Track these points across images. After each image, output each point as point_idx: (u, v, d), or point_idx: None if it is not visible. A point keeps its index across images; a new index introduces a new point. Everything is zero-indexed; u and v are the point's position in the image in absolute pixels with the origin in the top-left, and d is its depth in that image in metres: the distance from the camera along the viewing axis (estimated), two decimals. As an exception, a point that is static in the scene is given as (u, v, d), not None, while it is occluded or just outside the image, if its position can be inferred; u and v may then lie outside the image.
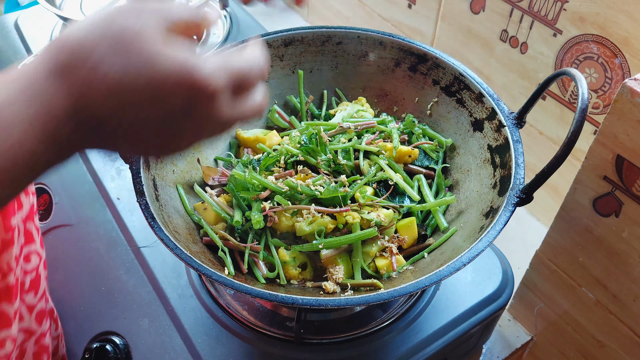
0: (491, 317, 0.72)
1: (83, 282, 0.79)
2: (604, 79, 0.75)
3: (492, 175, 0.64)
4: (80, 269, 0.80)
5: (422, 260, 0.63)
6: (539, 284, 0.77)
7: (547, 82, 0.59)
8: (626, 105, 0.53)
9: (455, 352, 0.73)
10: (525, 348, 0.85)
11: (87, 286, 0.78)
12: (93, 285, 0.78)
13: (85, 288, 0.78)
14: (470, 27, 0.92)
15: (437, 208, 0.68)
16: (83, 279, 0.79)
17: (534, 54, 0.83)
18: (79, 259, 0.81)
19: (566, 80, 0.80)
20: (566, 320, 0.76)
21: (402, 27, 1.08)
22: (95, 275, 0.78)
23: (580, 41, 0.75)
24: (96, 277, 0.78)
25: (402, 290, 0.52)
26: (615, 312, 0.67)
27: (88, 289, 0.78)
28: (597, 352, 0.74)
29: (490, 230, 0.55)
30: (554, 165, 0.52)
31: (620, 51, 0.71)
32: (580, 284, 0.70)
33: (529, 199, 0.56)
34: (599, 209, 0.63)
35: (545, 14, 0.78)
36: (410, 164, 0.73)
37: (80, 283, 0.79)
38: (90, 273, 0.79)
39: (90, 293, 0.77)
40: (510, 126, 0.64)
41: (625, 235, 0.61)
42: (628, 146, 0.56)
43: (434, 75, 0.75)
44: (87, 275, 0.79)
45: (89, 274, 0.79)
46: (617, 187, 0.59)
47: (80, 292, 0.78)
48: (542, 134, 0.88)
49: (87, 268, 0.80)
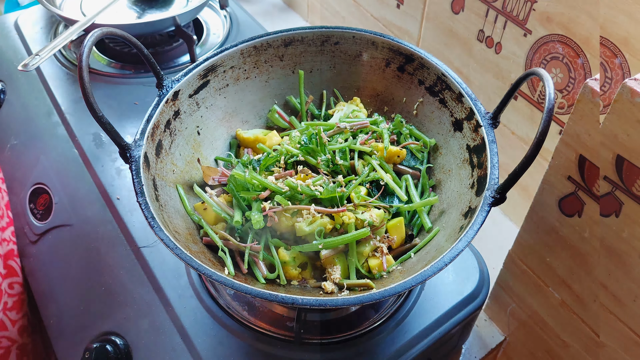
0: (470, 317, 0.73)
1: (83, 282, 0.79)
2: (569, 78, 0.75)
3: (471, 176, 0.65)
4: (81, 269, 0.80)
5: (409, 260, 0.64)
6: (512, 284, 0.77)
7: (518, 82, 0.59)
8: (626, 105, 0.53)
9: (438, 352, 0.74)
10: (500, 348, 0.85)
11: (87, 286, 0.78)
12: (93, 285, 0.78)
13: (85, 288, 0.78)
14: (451, 27, 0.92)
15: (422, 208, 0.68)
16: (83, 279, 0.79)
17: (507, 54, 0.83)
18: (79, 259, 0.81)
19: (535, 80, 0.80)
20: (535, 320, 0.76)
21: (391, 27, 1.08)
22: (96, 276, 0.78)
23: (547, 41, 0.75)
24: (96, 277, 0.78)
25: (392, 290, 0.52)
26: (578, 312, 0.68)
27: (88, 289, 0.78)
28: (562, 352, 0.74)
29: (468, 230, 0.55)
30: (524, 165, 0.52)
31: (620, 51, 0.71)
32: (547, 284, 0.70)
33: (502, 199, 0.57)
34: (564, 208, 0.63)
35: (517, 14, 0.78)
36: (398, 164, 0.73)
37: (80, 283, 0.79)
38: (91, 273, 0.79)
39: (90, 293, 0.77)
40: (486, 126, 0.64)
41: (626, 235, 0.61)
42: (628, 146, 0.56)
43: (420, 75, 0.75)
44: (87, 275, 0.79)
45: (89, 274, 0.79)
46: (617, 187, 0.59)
47: (80, 292, 0.78)
48: (514, 134, 0.88)
49: (87, 268, 0.80)
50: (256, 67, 0.79)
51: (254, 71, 0.79)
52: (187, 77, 0.71)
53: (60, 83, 1.05)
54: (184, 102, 0.71)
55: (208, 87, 0.75)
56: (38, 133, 0.99)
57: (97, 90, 1.02)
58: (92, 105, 0.55)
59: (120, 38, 0.61)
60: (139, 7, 1.12)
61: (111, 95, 1.02)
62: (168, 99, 0.69)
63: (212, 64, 0.74)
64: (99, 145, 0.93)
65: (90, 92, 0.54)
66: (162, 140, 0.67)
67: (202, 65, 0.73)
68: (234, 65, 0.76)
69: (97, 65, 1.09)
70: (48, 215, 0.88)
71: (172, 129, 0.69)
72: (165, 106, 0.68)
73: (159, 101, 0.68)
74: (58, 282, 0.82)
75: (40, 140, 0.98)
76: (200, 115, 0.74)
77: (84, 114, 0.98)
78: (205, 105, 0.75)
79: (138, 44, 0.64)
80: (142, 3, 1.14)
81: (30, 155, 0.97)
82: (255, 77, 0.79)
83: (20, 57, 1.12)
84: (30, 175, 0.94)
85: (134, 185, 0.60)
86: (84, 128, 0.96)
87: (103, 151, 0.92)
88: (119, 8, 1.11)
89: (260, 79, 0.80)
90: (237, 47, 0.76)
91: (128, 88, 1.04)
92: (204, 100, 0.74)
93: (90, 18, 1.00)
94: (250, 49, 0.77)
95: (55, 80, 1.06)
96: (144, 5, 1.13)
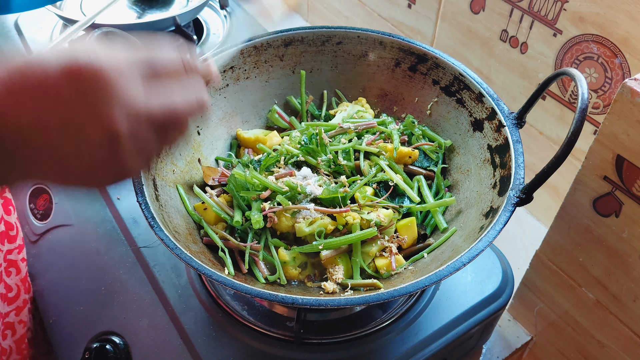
0: (491, 317, 0.72)
1: (83, 282, 0.79)
2: (604, 79, 0.75)
3: (492, 175, 0.64)
4: (80, 269, 0.80)
5: (421, 260, 0.63)
6: (539, 284, 0.77)
7: (547, 82, 0.59)
8: (626, 105, 0.53)
9: (455, 353, 0.73)
10: (525, 348, 0.85)
11: (87, 286, 0.78)
12: (93, 285, 0.78)
13: (85, 288, 0.78)
14: (470, 27, 0.92)
15: (436, 209, 0.68)
16: (83, 278, 0.79)
17: (534, 54, 0.83)
18: (79, 259, 0.81)
19: (566, 80, 0.80)
20: (566, 320, 0.76)
21: (402, 27, 1.08)
22: (95, 275, 0.78)
23: (580, 41, 0.75)
24: (96, 277, 0.78)
25: (402, 290, 0.52)
26: (615, 312, 0.67)
27: (88, 289, 0.78)
28: (597, 352, 0.74)
29: (490, 230, 0.55)
30: (554, 165, 0.52)
31: (620, 51, 0.71)
32: (580, 284, 0.70)
33: (529, 199, 0.56)
34: (599, 209, 0.62)
35: (545, 14, 0.78)
36: (410, 165, 0.73)
37: (80, 283, 0.79)
38: (90, 273, 0.79)
39: (90, 293, 0.77)
40: (510, 126, 0.64)
41: (625, 235, 0.61)
42: (628, 146, 0.56)
43: (434, 75, 0.75)
44: (87, 275, 0.79)
45: (89, 274, 0.79)
46: (618, 187, 0.59)
47: (80, 292, 0.78)
48: (542, 134, 0.88)
49: (87, 268, 0.80)
50: (256, 67, 0.79)
51: (254, 71, 0.79)
52: (187, 77, 0.71)
53: (60, 83, 1.05)
54: (184, 102, 0.71)
55: (208, 87, 0.74)
56: (38, 133, 0.99)
57: (97, 90, 1.02)
58: (92, 105, 0.54)
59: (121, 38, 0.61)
60: (139, 7, 1.12)
61: (111, 95, 1.02)
62: (168, 99, 0.68)
63: (212, 64, 0.74)
64: (99, 145, 0.93)
65: (90, 92, 0.54)
66: (162, 140, 0.67)
67: (202, 65, 0.73)
68: (234, 65, 0.76)
69: (97, 65, 1.09)
70: (48, 215, 0.88)
71: (172, 129, 0.69)
72: (165, 106, 0.68)
73: (159, 101, 0.67)
74: (58, 282, 0.82)
75: (40, 140, 0.98)
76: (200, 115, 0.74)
77: (84, 114, 0.98)
78: (205, 105, 0.75)
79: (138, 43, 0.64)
80: (142, 3, 1.14)
81: (30, 155, 0.97)
82: (255, 77, 0.79)
83: (21, 57, 1.12)
84: (30, 175, 0.94)
85: (134, 185, 0.60)
86: (84, 128, 0.96)
87: (103, 151, 0.92)
88: (119, 8, 1.11)
89: (260, 79, 0.80)
90: (237, 47, 0.76)
91: (128, 88, 1.03)
92: (204, 100, 0.74)
93: (90, 18, 0.99)
94: (250, 49, 0.77)
95: (55, 80, 1.05)
96: (144, 5, 1.13)
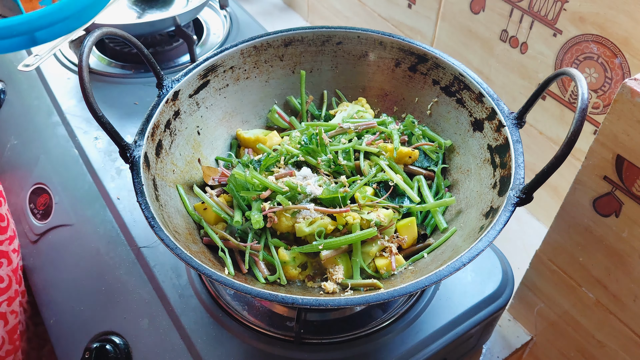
0: (491, 317, 0.72)
1: (83, 282, 0.79)
2: (604, 78, 0.75)
3: (492, 175, 0.64)
4: (81, 269, 0.80)
5: (422, 260, 0.63)
6: (539, 284, 0.77)
7: (547, 82, 0.59)
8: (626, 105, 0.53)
9: (455, 352, 0.73)
10: (525, 348, 0.85)
11: (88, 286, 0.78)
12: (93, 285, 0.78)
13: (85, 288, 0.78)
14: (470, 27, 0.92)
15: (436, 209, 0.68)
16: (83, 278, 0.79)
17: (534, 54, 0.83)
18: (79, 259, 0.81)
19: (566, 80, 0.80)
20: (566, 320, 0.76)
21: (402, 27, 1.08)
22: (96, 275, 0.78)
23: (580, 41, 0.75)
24: (96, 277, 0.78)
25: (402, 290, 0.52)
26: (615, 312, 0.67)
27: (88, 289, 0.78)
28: (597, 352, 0.74)
29: (490, 230, 0.55)
30: (554, 165, 0.52)
31: (620, 51, 0.71)
32: (580, 284, 0.70)
33: (529, 199, 0.56)
34: (599, 209, 0.63)
35: (545, 14, 0.78)
36: (410, 165, 0.73)
37: (80, 283, 0.79)
38: (91, 273, 0.79)
39: (90, 293, 0.77)
40: (510, 126, 0.64)
41: (625, 235, 0.61)
42: (628, 146, 0.56)
43: (434, 75, 0.75)
44: (87, 275, 0.79)
45: (89, 274, 0.79)
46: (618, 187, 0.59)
47: (80, 292, 0.78)
48: (542, 134, 0.88)
49: (87, 268, 0.80)
50: (256, 67, 0.79)
51: (254, 71, 0.79)
52: (187, 77, 0.71)
53: (60, 83, 1.05)
54: (184, 102, 0.71)
55: (208, 87, 0.75)
56: (38, 133, 0.99)
57: (97, 90, 1.02)
58: (92, 105, 0.55)
59: (120, 38, 0.61)
60: (139, 7, 1.12)
61: (111, 95, 1.02)
62: (168, 99, 0.69)
63: (212, 64, 0.74)
64: (99, 145, 0.93)
65: (91, 92, 0.54)
66: (162, 140, 0.67)
67: (202, 65, 0.73)
68: (234, 65, 0.76)
69: (97, 65, 1.09)
70: (48, 215, 0.88)
71: (172, 129, 0.69)
72: (165, 106, 0.68)
73: (159, 101, 0.68)
74: (58, 282, 0.82)
75: (40, 140, 0.98)
76: (200, 115, 0.74)
77: (84, 114, 0.98)
78: (205, 105, 0.75)
79: (138, 43, 0.64)
80: (142, 3, 1.14)
81: (30, 155, 0.97)
82: (255, 77, 0.79)
83: (20, 57, 1.12)
84: (30, 175, 0.94)
85: (134, 185, 0.60)
86: (84, 128, 0.96)
87: (103, 151, 0.92)
88: (119, 8, 1.11)
89: (260, 79, 0.80)
90: (237, 47, 0.76)
91: (128, 88, 1.04)
92: (204, 100, 0.74)
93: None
94: (250, 49, 0.77)
95: (55, 80, 1.05)
96: (144, 5, 1.13)
